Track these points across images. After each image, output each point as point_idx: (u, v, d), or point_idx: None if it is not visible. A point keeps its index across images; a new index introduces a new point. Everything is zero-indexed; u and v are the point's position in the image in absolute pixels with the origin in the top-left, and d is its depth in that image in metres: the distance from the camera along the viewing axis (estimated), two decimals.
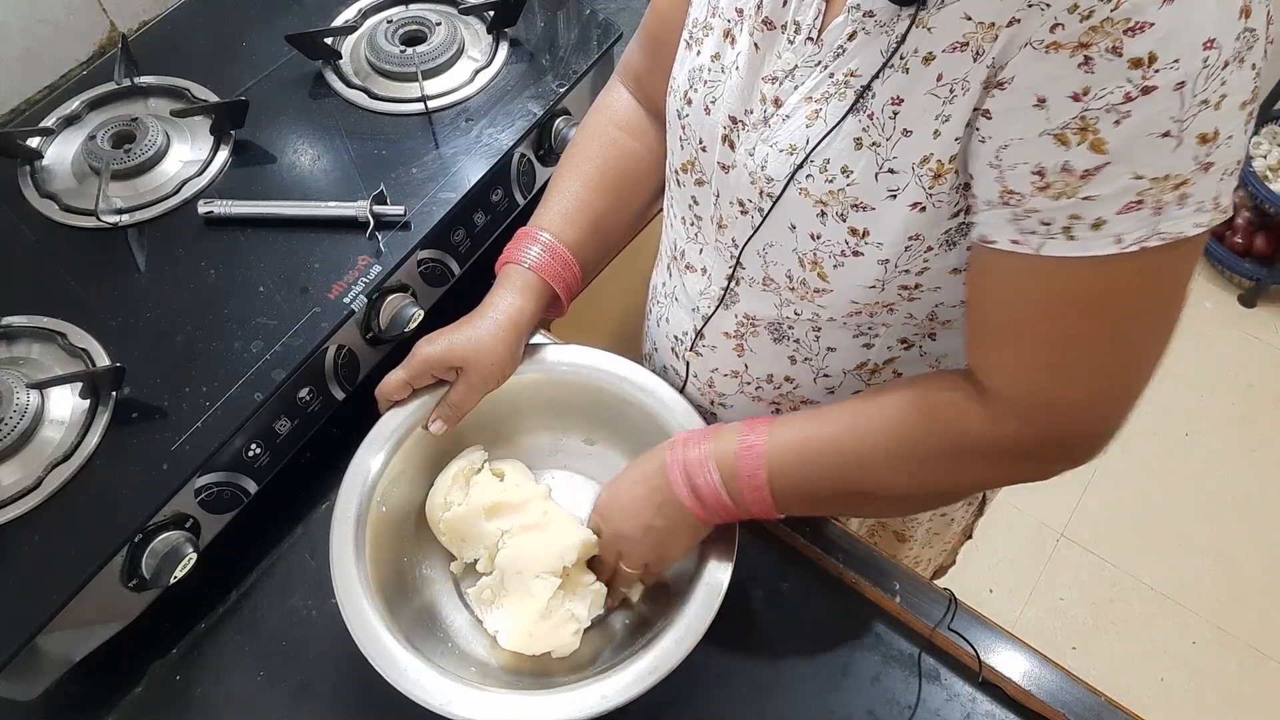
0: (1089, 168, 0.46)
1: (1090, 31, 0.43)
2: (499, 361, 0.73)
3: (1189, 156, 0.45)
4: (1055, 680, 0.69)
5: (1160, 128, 0.44)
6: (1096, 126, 0.45)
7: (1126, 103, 0.43)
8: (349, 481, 0.70)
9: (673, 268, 0.78)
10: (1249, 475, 1.95)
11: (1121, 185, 0.45)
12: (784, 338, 0.70)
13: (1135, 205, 0.46)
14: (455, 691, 0.60)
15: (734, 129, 0.62)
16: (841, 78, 0.54)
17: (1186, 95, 0.43)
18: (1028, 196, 0.48)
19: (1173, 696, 1.68)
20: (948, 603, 0.73)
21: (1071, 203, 0.47)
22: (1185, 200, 0.46)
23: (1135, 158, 0.45)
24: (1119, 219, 0.46)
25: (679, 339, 0.79)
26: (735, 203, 0.64)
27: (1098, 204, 0.46)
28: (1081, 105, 0.45)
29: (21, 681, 0.68)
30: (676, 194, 0.73)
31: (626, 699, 0.60)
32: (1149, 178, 0.45)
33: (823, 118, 0.56)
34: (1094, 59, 0.43)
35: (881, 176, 0.54)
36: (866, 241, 0.57)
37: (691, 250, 0.74)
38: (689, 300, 0.76)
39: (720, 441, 0.65)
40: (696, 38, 0.65)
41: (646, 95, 0.80)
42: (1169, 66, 0.42)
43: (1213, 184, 0.46)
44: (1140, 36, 0.42)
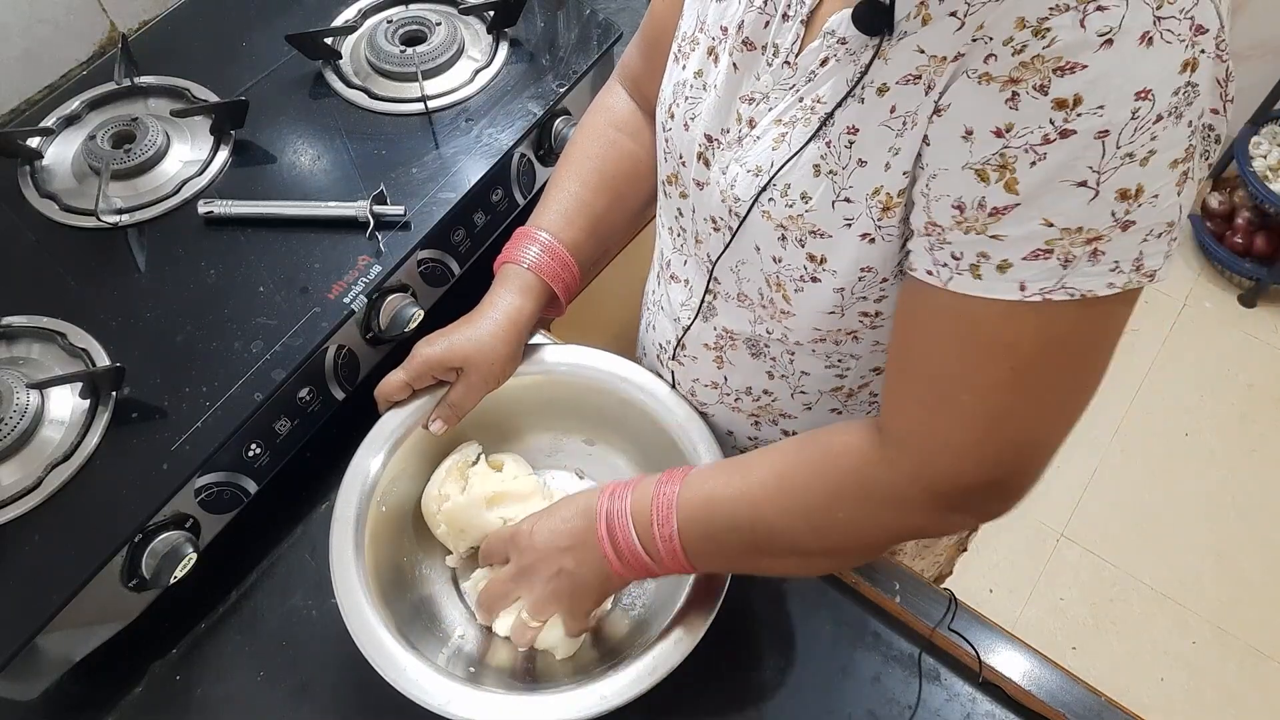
0: (1000, 206, 0.44)
1: (1021, 67, 0.42)
2: (499, 361, 0.73)
3: (1105, 211, 0.42)
4: (1055, 680, 0.69)
5: (1076, 175, 0.42)
6: (1014, 165, 0.43)
7: (1044, 144, 0.42)
8: (349, 481, 0.70)
9: (661, 276, 0.78)
10: (1249, 475, 1.95)
11: (1030, 229, 0.44)
12: (760, 354, 0.69)
13: (1043, 253, 0.44)
14: (454, 691, 0.60)
15: (710, 147, 0.62)
16: (809, 103, 0.54)
17: (1109, 145, 0.41)
18: (946, 229, 0.47)
19: (1173, 696, 1.68)
20: (948, 603, 0.73)
21: (980, 239, 0.45)
22: (1098, 257, 0.44)
23: (1046, 203, 0.43)
24: (1024, 265, 0.45)
25: (663, 347, 0.80)
26: (709, 219, 0.65)
27: (1005, 245, 0.45)
28: (1003, 142, 0.43)
29: (21, 681, 0.68)
30: (664, 204, 0.73)
31: (625, 700, 0.60)
32: (1059, 227, 0.43)
33: (787, 141, 0.55)
34: (1020, 95, 0.42)
35: (838, 205, 0.53)
36: (824, 268, 0.57)
37: (677, 260, 0.74)
38: (672, 310, 0.76)
39: (638, 491, 0.63)
40: (684, 52, 0.65)
41: (644, 97, 0.81)
42: (1092, 112, 0.41)
43: (1132, 244, 0.44)
44: (1069, 77, 0.41)
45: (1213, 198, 2.23)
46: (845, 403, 0.71)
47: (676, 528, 0.60)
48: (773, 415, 0.74)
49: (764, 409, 0.74)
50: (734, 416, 0.76)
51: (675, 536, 0.60)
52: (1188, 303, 2.20)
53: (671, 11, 0.70)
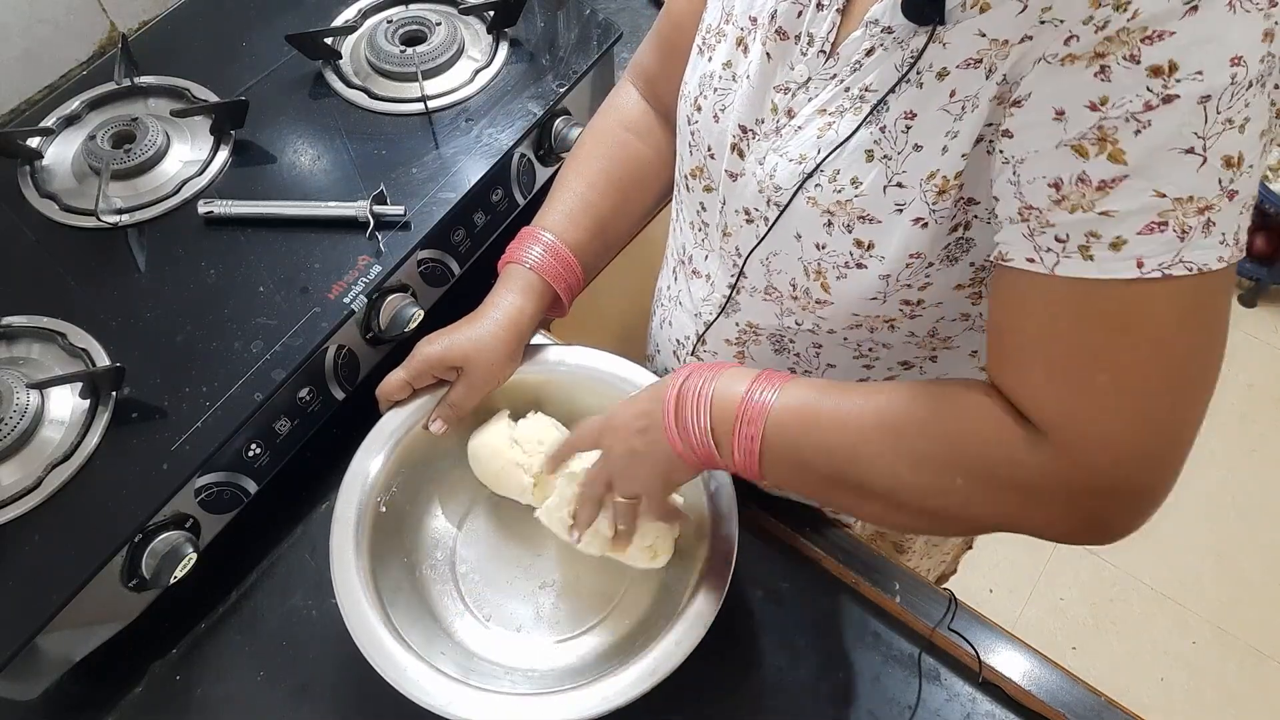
0: (1106, 179, 0.43)
1: (1106, 41, 0.42)
2: (499, 361, 0.73)
3: (1213, 179, 0.42)
4: (1055, 680, 0.69)
5: (1183, 143, 0.41)
6: (1115, 136, 0.43)
7: (1147, 111, 0.41)
8: (349, 481, 0.70)
9: (679, 272, 0.78)
10: (1249, 475, 1.95)
11: (1142, 202, 0.43)
12: (784, 350, 0.69)
13: (1158, 226, 0.43)
14: (456, 692, 0.60)
15: (744, 138, 0.62)
16: (857, 92, 0.54)
17: (1210, 111, 0.41)
18: (1044, 210, 0.46)
19: (1173, 696, 1.68)
20: (948, 603, 0.73)
21: (1089, 217, 0.44)
22: (1210, 229, 0.43)
23: (1157, 173, 0.42)
24: (1140, 240, 0.43)
25: (680, 343, 0.79)
26: (741, 211, 0.64)
27: (1116, 221, 0.44)
28: (1099, 114, 0.43)
29: (21, 681, 0.68)
30: (685, 199, 0.73)
31: (626, 700, 0.60)
32: (1172, 197, 0.42)
33: (835, 129, 0.55)
34: (1111, 68, 0.42)
35: (890, 190, 0.54)
36: (870, 254, 0.57)
37: (698, 256, 0.73)
38: (692, 305, 0.76)
39: (724, 381, 0.59)
40: (709, 44, 0.65)
41: (657, 97, 0.80)
42: (1191, 77, 0.40)
43: (1234, 215, 0.43)
44: (1159, 44, 0.41)
45: None
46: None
47: (763, 432, 0.57)
48: None
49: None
50: None
51: (758, 439, 0.57)
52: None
53: (689, 10, 0.70)
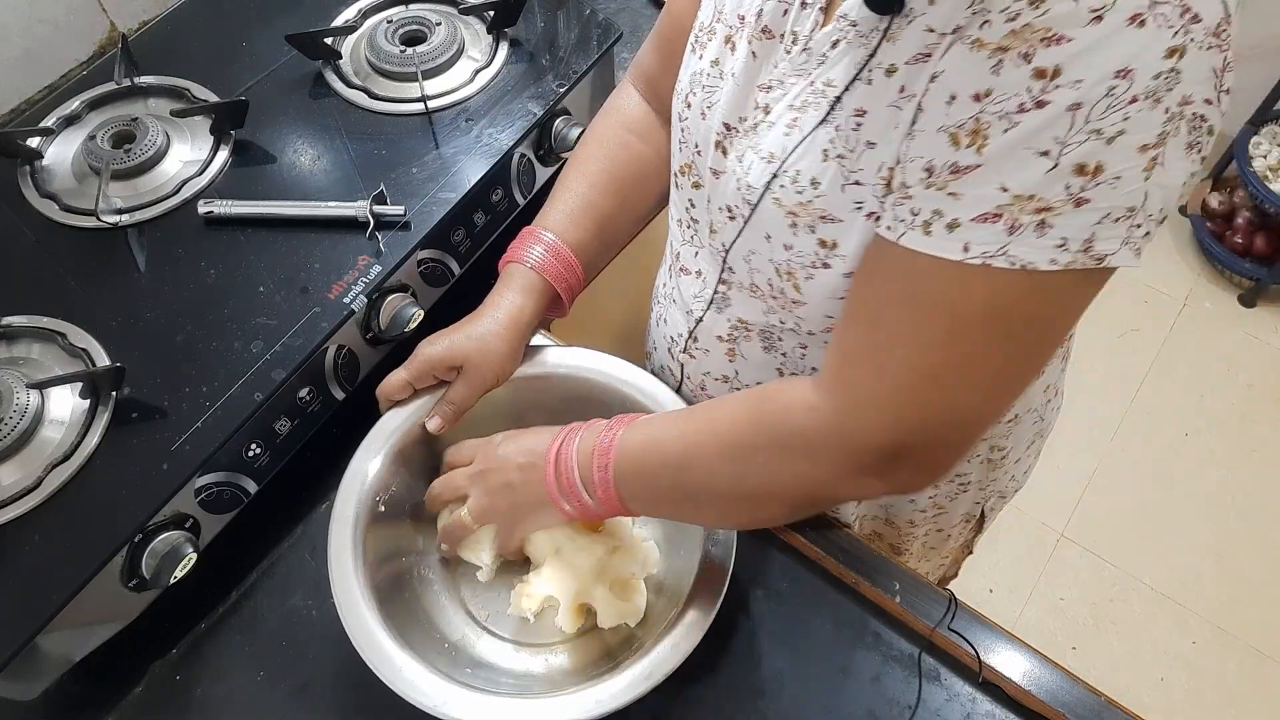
0: (964, 166, 0.45)
1: (1011, 35, 0.42)
2: (499, 360, 0.73)
3: (1059, 184, 0.42)
4: (1055, 680, 0.69)
5: (1040, 145, 0.42)
6: (987, 132, 0.43)
7: (1019, 113, 0.42)
8: (348, 481, 0.70)
9: (672, 269, 0.78)
10: (1249, 475, 1.95)
11: (985, 192, 0.44)
12: (773, 348, 0.69)
13: (992, 217, 0.44)
14: (451, 692, 0.60)
15: (727, 135, 0.62)
16: (820, 86, 0.54)
17: (1078, 119, 0.41)
18: (911, 188, 0.48)
19: (1173, 696, 1.68)
20: (948, 603, 0.73)
21: (938, 195, 0.46)
22: (1045, 230, 0.43)
23: (1006, 168, 0.43)
24: (972, 226, 0.45)
25: (674, 340, 0.80)
26: (724, 208, 0.64)
27: (959, 203, 0.45)
28: (979, 107, 0.44)
29: (21, 681, 0.68)
30: (676, 196, 0.73)
31: (621, 704, 0.60)
32: (1012, 193, 0.43)
33: (799, 126, 0.56)
34: (1004, 62, 0.43)
35: (848, 189, 0.54)
36: (835, 254, 0.57)
37: (687, 253, 0.74)
38: (684, 302, 0.76)
39: (592, 428, 0.65)
40: (701, 42, 0.65)
41: (658, 97, 0.80)
42: (1070, 85, 0.41)
43: (1084, 224, 0.43)
44: (1054, 48, 0.41)
45: (1213, 198, 2.23)
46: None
47: (613, 462, 0.62)
48: None
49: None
50: None
51: (610, 469, 0.62)
52: (1188, 303, 2.20)
53: (689, 9, 0.70)
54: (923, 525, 0.90)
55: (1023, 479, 0.91)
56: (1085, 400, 2.01)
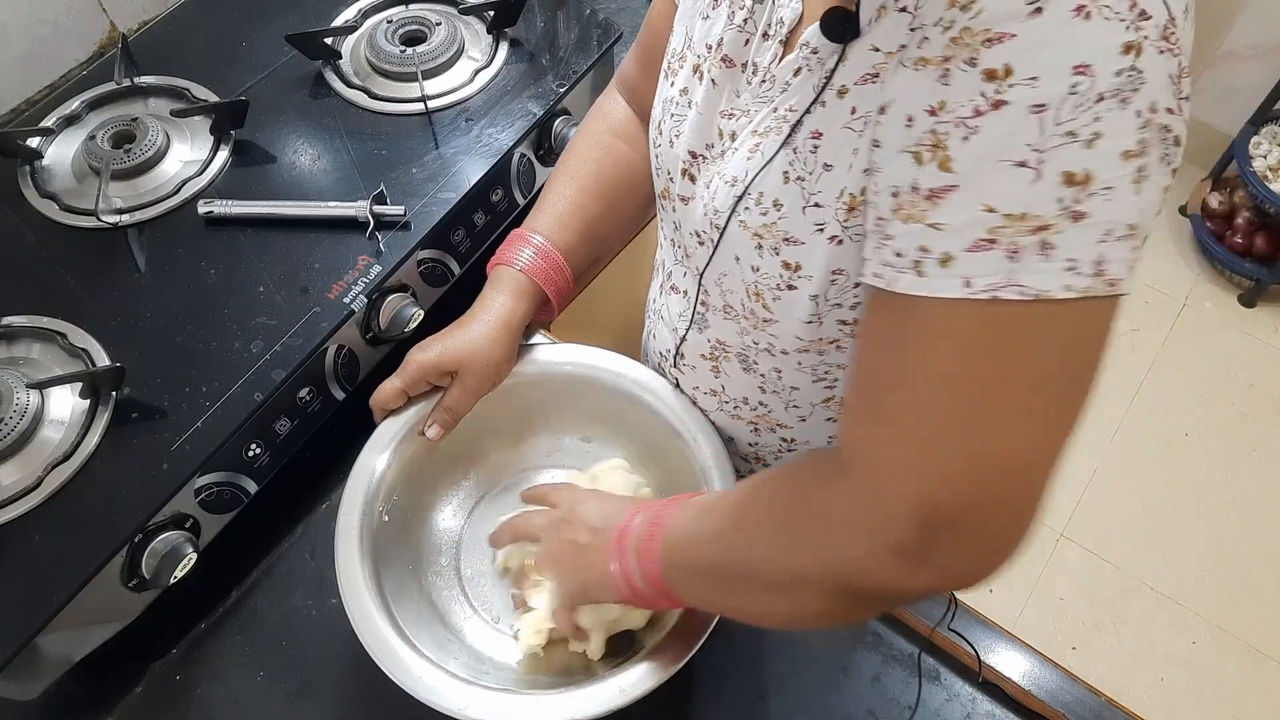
0: (935, 188, 0.41)
1: (951, 44, 0.40)
2: (494, 363, 0.73)
3: (1050, 196, 0.38)
4: (1055, 680, 0.69)
5: (1014, 154, 0.39)
6: (946, 143, 0.40)
7: (976, 117, 0.39)
8: (350, 491, 0.70)
9: (663, 285, 0.79)
10: (1249, 475, 1.95)
11: (970, 216, 0.40)
12: (751, 369, 0.69)
13: (986, 244, 0.40)
14: (472, 696, 0.60)
15: (694, 163, 0.63)
16: (782, 113, 0.54)
17: (1047, 121, 0.38)
18: (887, 221, 0.44)
19: (1173, 696, 1.68)
20: (947, 603, 0.73)
21: (920, 229, 0.42)
22: (1050, 252, 0.39)
23: (985, 185, 0.40)
24: (968, 257, 0.40)
25: (664, 355, 0.80)
26: (694, 233, 0.65)
27: (946, 235, 0.41)
28: (935, 119, 0.41)
29: (21, 681, 0.68)
30: (662, 216, 0.74)
31: (639, 694, 0.60)
32: (1001, 212, 0.39)
33: (761, 150, 0.56)
34: (951, 71, 0.40)
35: (809, 210, 0.53)
36: (799, 275, 0.56)
37: (677, 272, 0.74)
38: (670, 319, 0.76)
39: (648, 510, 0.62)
40: (673, 69, 0.65)
41: (640, 104, 0.81)
42: (1025, 83, 0.38)
43: (1088, 241, 0.39)
44: (998, 47, 0.38)
45: (1213, 198, 2.23)
46: (839, 412, 0.71)
47: (661, 550, 0.58)
48: (770, 424, 0.74)
49: (761, 418, 0.74)
50: (734, 424, 0.76)
51: (657, 559, 0.58)
52: (1188, 303, 2.20)
53: (666, 22, 0.70)
54: None
55: None
56: None
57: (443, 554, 0.76)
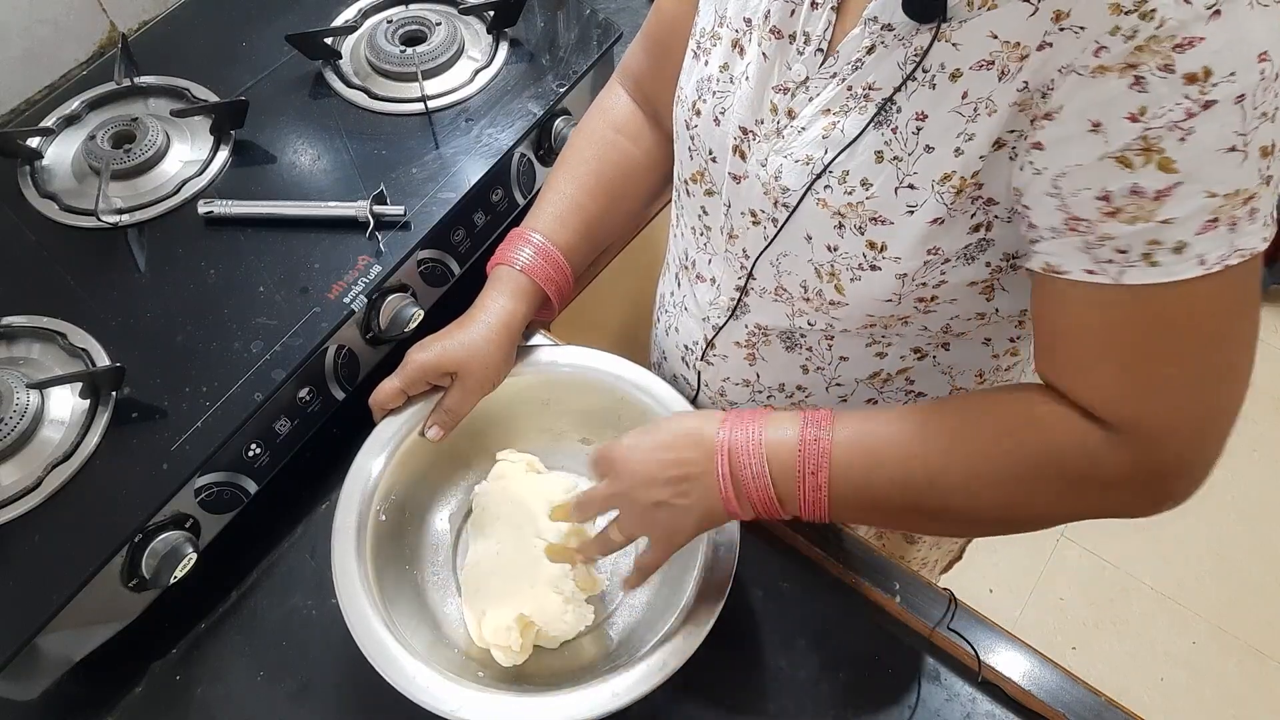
0: (1161, 189, 0.45)
1: (1136, 51, 0.43)
2: (493, 364, 0.73)
3: (1254, 170, 0.44)
4: (1055, 680, 0.69)
5: (1226, 143, 0.43)
6: (1161, 146, 0.44)
7: (1189, 119, 0.43)
8: (347, 491, 0.70)
9: (681, 277, 0.78)
10: (1249, 475, 1.95)
11: (1197, 205, 0.45)
12: (796, 346, 0.69)
13: (1212, 224, 0.45)
14: (466, 696, 0.60)
15: (745, 139, 0.62)
16: (860, 90, 0.54)
17: (1247, 108, 0.42)
18: (1095, 222, 0.47)
19: (1173, 696, 1.68)
20: (947, 602, 0.73)
21: (1149, 227, 0.46)
22: (1255, 215, 0.45)
23: (1206, 175, 0.44)
24: (1199, 239, 0.45)
25: (689, 349, 0.79)
26: (747, 213, 0.64)
27: (1176, 226, 0.45)
28: (1141, 125, 0.44)
29: (21, 681, 0.68)
30: (686, 204, 0.73)
31: (637, 695, 0.60)
32: (1222, 194, 0.44)
33: (841, 129, 0.55)
34: (1145, 78, 0.43)
35: (901, 191, 0.54)
36: (884, 255, 0.56)
37: (701, 260, 0.73)
38: (699, 310, 0.76)
39: (774, 429, 0.58)
40: (705, 47, 0.64)
41: (646, 98, 0.80)
42: (1226, 80, 0.42)
43: (1271, 196, 0.46)
44: (1191, 52, 0.42)
45: None
46: (881, 390, 0.71)
47: (829, 475, 0.56)
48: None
49: (797, 405, 0.74)
50: None
51: (825, 486, 0.56)
52: None
53: (680, 10, 0.69)
54: None
55: None
56: None
57: (440, 554, 0.76)
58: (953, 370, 0.69)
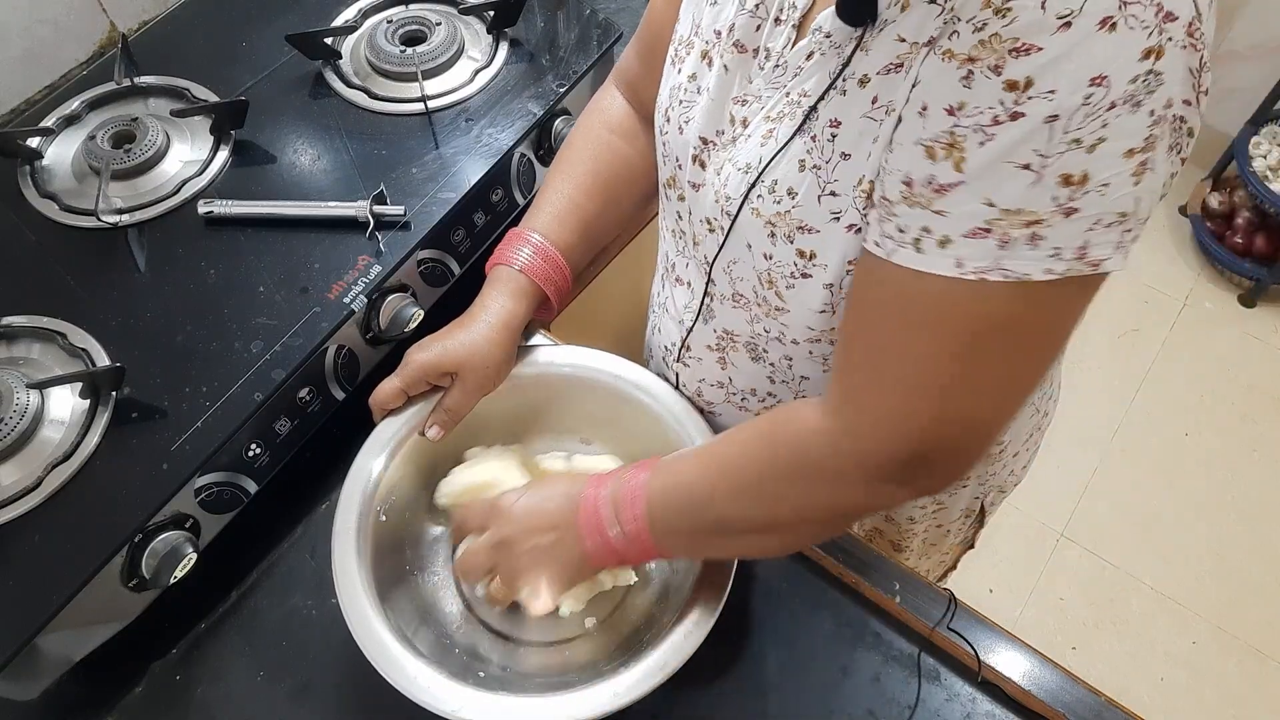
0: (945, 183, 0.45)
1: (980, 45, 0.42)
2: (494, 364, 0.73)
3: (1047, 196, 0.42)
4: (1055, 680, 0.69)
5: (1020, 158, 0.42)
6: (963, 145, 0.43)
7: (994, 125, 0.42)
8: (347, 492, 0.70)
9: (665, 278, 0.78)
10: (1249, 475, 1.95)
11: (971, 208, 0.44)
12: (760, 358, 0.69)
13: (982, 232, 0.44)
14: (467, 696, 0.60)
15: (704, 149, 0.63)
16: (795, 98, 0.54)
17: (1056, 131, 0.41)
18: (894, 203, 0.48)
19: (1173, 696, 1.68)
20: (947, 602, 0.73)
21: (924, 213, 0.46)
22: (1037, 242, 0.43)
23: (989, 184, 0.43)
24: (964, 242, 0.45)
25: (668, 349, 0.80)
26: (704, 220, 0.65)
27: (947, 221, 0.45)
28: (954, 120, 0.44)
29: (21, 681, 0.68)
30: (665, 207, 0.73)
31: (638, 695, 0.60)
32: (1000, 207, 0.43)
33: (774, 137, 0.56)
34: (975, 74, 0.42)
35: (824, 199, 0.54)
36: (814, 264, 0.57)
37: (680, 263, 0.74)
38: (676, 312, 0.76)
39: (617, 479, 0.64)
40: (680, 56, 0.65)
41: (640, 100, 0.80)
42: (1043, 96, 0.40)
43: (1076, 232, 0.43)
44: (1024, 59, 0.40)
45: (1213, 198, 2.23)
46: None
47: (645, 513, 0.61)
48: None
49: (769, 409, 0.74)
50: (741, 416, 0.76)
51: (642, 520, 0.61)
52: (1188, 303, 2.20)
53: (669, 14, 0.70)
54: (922, 522, 0.90)
55: (1022, 473, 0.91)
56: (1085, 400, 2.01)
57: (440, 554, 0.76)
58: None
